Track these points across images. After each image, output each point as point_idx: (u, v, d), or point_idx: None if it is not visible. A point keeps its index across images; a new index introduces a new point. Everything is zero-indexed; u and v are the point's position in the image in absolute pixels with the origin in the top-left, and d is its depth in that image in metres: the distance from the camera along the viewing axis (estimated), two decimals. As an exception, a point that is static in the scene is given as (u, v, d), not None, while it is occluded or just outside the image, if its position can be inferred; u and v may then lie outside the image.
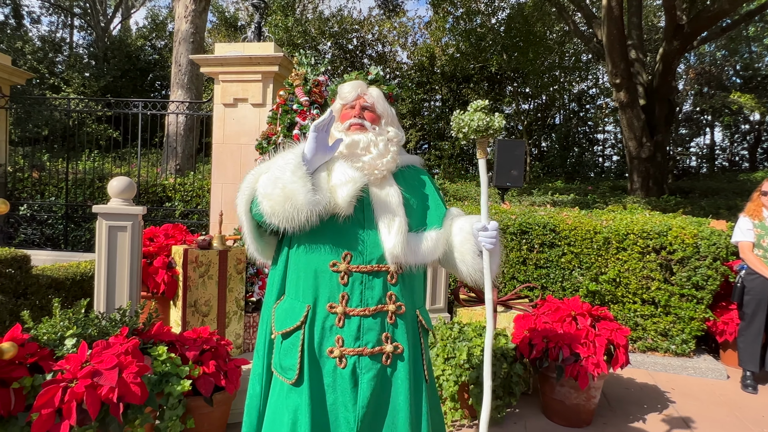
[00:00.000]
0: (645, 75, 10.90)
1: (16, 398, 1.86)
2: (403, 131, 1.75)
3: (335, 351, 1.51)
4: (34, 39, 18.00)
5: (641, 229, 4.32)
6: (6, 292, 3.29)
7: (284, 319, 1.57)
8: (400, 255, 1.53)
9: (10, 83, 6.23)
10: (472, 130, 1.68)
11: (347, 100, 1.71)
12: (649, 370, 4.15)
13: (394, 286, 1.56)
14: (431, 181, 1.80)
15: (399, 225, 1.55)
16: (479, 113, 1.68)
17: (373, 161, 1.60)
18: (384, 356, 1.53)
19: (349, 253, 1.53)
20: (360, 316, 1.51)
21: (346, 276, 1.51)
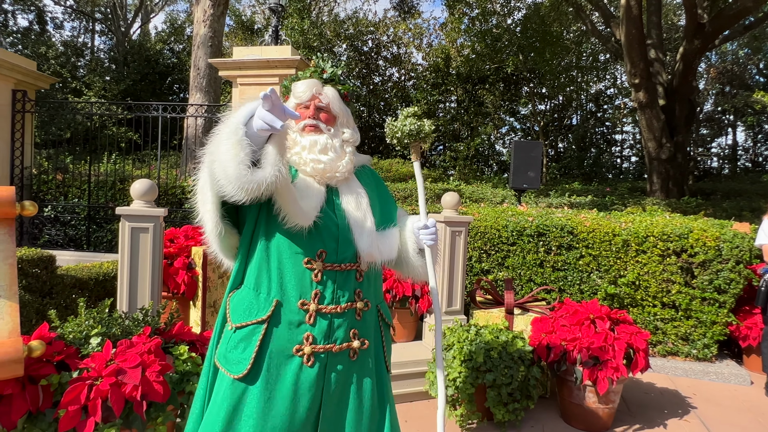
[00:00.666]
0: (665, 74, 10.73)
1: (43, 395, 1.92)
2: (358, 132, 1.74)
3: (305, 348, 1.48)
4: (57, 44, 18.43)
5: (661, 231, 4.26)
6: (33, 291, 3.39)
7: (243, 312, 1.51)
8: (372, 254, 1.57)
9: (35, 88, 6.39)
10: (405, 134, 1.76)
11: (301, 99, 1.64)
12: (670, 374, 4.08)
13: (361, 284, 1.59)
14: (382, 181, 1.85)
15: (370, 226, 1.59)
16: (411, 118, 1.76)
17: (333, 163, 1.58)
18: (351, 351, 1.54)
19: (324, 251, 1.52)
20: (331, 313, 1.51)
21: (320, 274, 1.51)
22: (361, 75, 17.52)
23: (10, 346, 1.74)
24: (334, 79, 1.71)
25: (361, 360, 1.58)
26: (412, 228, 1.72)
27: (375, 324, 1.65)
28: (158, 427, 2.03)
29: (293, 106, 1.66)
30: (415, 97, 16.89)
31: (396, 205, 1.83)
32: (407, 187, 8.97)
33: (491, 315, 3.72)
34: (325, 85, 1.68)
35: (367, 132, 17.78)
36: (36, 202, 6.25)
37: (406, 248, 1.72)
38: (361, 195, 1.63)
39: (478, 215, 4.95)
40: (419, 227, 1.70)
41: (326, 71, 1.70)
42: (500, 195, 9.02)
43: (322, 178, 1.58)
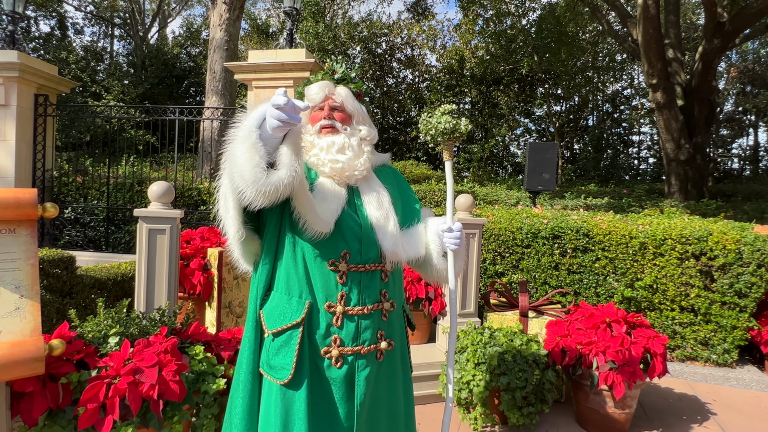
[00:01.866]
0: (683, 74, 10.56)
1: (63, 393, 1.96)
2: (376, 129, 1.72)
3: (332, 351, 1.48)
4: (77, 49, 18.83)
5: (679, 234, 4.19)
6: (53, 291, 3.46)
7: (277, 317, 1.51)
8: (397, 253, 1.56)
9: (57, 92, 6.54)
10: (439, 132, 1.72)
11: (315, 101, 1.65)
12: (689, 380, 4.00)
13: (387, 284, 1.58)
14: (403, 179, 1.83)
15: (394, 224, 1.58)
16: (446, 116, 1.72)
17: (351, 162, 1.57)
18: (378, 353, 1.54)
19: (348, 252, 1.51)
20: (358, 315, 1.50)
21: (345, 276, 1.50)
22: (375, 77, 17.56)
23: (32, 345, 1.78)
24: (345, 79, 1.70)
25: (388, 361, 1.57)
26: (436, 230, 1.70)
27: (401, 324, 1.65)
28: (174, 426, 2.05)
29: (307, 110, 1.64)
30: (429, 99, 16.87)
31: (419, 202, 1.81)
32: (421, 189, 8.96)
33: (505, 318, 3.70)
34: (337, 85, 1.68)
35: (381, 134, 17.80)
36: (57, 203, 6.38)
37: (429, 250, 1.69)
38: (382, 194, 1.62)
39: (492, 217, 4.92)
40: (444, 230, 1.67)
41: (337, 72, 1.70)
42: (515, 197, 8.95)
43: (341, 177, 1.57)
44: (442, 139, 1.74)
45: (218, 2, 9.39)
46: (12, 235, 1.82)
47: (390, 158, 1.84)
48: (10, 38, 6.00)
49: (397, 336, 1.61)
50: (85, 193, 6.87)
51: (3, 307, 1.77)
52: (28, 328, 1.81)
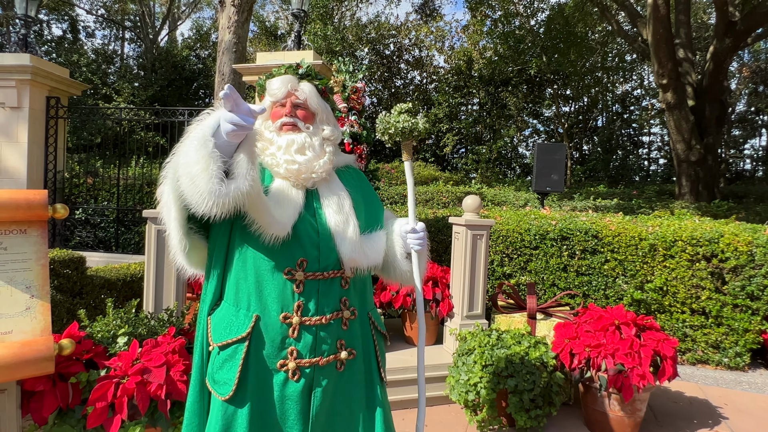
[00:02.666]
0: (694, 74, 10.46)
1: (73, 392, 1.98)
2: (339, 129, 1.64)
3: (289, 364, 1.39)
4: (88, 52, 19.06)
5: (690, 235, 4.14)
6: (64, 291, 3.50)
7: (223, 330, 1.42)
8: (356, 260, 1.47)
9: (68, 95, 6.61)
10: (397, 131, 1.68)
11: (277, 97, 1.54)
12: (700, 383, 3.95)
13: (347, 291, 1.49)
14: (367, 181, 1.75)
15: (353, 229, 1.49)
16: (404, 115, 1.68)
17: (309, 163, 1.48)
18: (338, 363, 1.46)
19: (305, 260, 1.42)
20: (316, 325, 1.42)
21: (302, 284, 1.41)
22: (382, 78, 17.58)
23: (42, 344, 1.80)
24: (310, 74, 1.62)
25: (349, 370, 1.49)
26: (399, 231, 1.63)
27: (364, 331, 1.57)
28: (181, 426, 2.06)
29: (269, 104, 1.57)
30: (437, 99, 16.86)
31: (382, 206, 1.74)
32: (428, 190, 8.96)
33: (513, 320, 3.68)
34: (301, 81, 1.58)
35: (389, 135, 17.78)
36: (67, 205, 6.46)
37: (394, 252, 1.63)
38: (342, 197, 1.53)
39: (500, 218, 4.90)
40: (407, 231, 1.62)
41: (302, 66, 1.62)
42: (523, 198, 8.92)
43: (297, 179, 1.48)
44: (401, 139, 1.70)
45: (227, 5, 9.46)
46: (23, 235, 1.84)
47: (354, 160, 1.77)
48: (23, 42, 6.08)
49: (359, 345, 1.53)
50: (96, 195, 6.95)
51: (14, 306, 1.80)
52: (38, 327, 1.83)
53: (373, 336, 1.59)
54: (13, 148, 5.90)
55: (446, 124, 16.40)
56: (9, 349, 1.72)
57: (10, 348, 1.73)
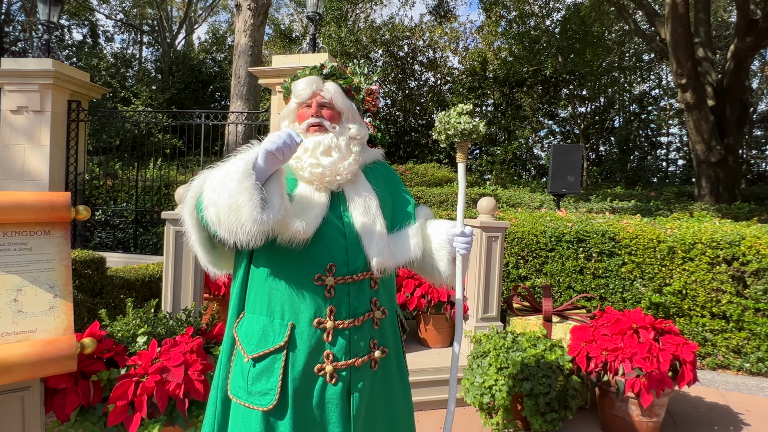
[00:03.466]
0: (714, 74, 10.27)
1: (94, 390, 2.02)
2: (366, 127, 1.63)
3: (326, 368, 1.40)
4: (108, 56, 19.42)
5: (710, 238, 4.07)
6: (85, 291, 3.57)
7: (259, 340, 1.42)
8: (384, 262, 1.46)
9: (88, 98, 6.75)
10: (457, 132, 1.66)
11: (302, 98, 1.56)
12: (720, 389, 3.88)
13: (377, 292, 1.50)
14: (396, 176, 1.73)
15: (380, 230, 1.48)
16: (466, 116, 1.66)
17: (334, 165, 1.47)
18: (372, 362, 1.47)
19: (333, 265, 1.42)
20: (350, 328, 1.43)
21: (333, 289, 1.42)
22: (396, 80, 17.59)
23: (65, 343, 1.84)
24: (334, 74, 1.62)
25: (383, 368, 1.51)
26: (447, 233, 1.62)
27: (394, 330, 1.59)
28: (199, 425, 2.09)
29: (294, 106, 1.59)
30: (451, 101, 16.81)
31: (412, 201, 1.70)
32: (443, 191, 8.93)
33: (528, 322, 3.65)
34: (325, 81, 1.60)
35: (403, 136, 17.81)
36: (88, 206, 6.60)
37: (438, 256, 1.62)
38: (369, 198, 1.52)
39: (515, 220, 4.87)
40: (455, 234, 1.61)
41: (326, 66, 1.62)
42: (538, 200, 8.84)
43: (322, 182, 1.47)
44: (459, 140, 1.69)
45: (243, 8, 9.56)
46: (47, 236, 1.89)
47: (383, 155, 1.74)
48: (45, 47, 6.23)
49: (390, 342, 1.55)
50: (115, 196, 7.07)
51: (38, 306, 1.84)
52: (61, 326, 1.87)
53: (400, 332, 1.63)
54: (36, 150, 6.04)
55: (460, 125, 16.32)
56: (34, 348, 1.76)
57: (35, 346, 1.77)
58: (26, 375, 1.75)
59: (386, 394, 1.52)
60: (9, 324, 1.78)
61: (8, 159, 6.04)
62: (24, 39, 19.76)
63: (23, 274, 1.83)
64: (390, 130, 17.58)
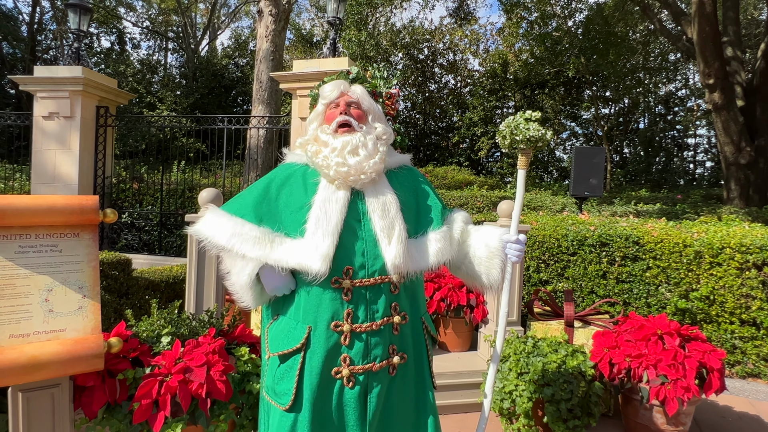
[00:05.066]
0: (743, 74, 9.98)
1: (120, 388, 2.07)
2: (392, 130, 1.65)
3: (343, 371, 1.43)
4: (134, 62, 19.94)
5: (739, 242, 3.95)
6: (111, 291, 3.66)
7: (281, 340, 1.49)
8: (401, 265, 1.45)
9: (116, 104, 6.95)
10: (525, 138, 1.64)
11: (330, 98, 1.61)
12: (750, 398, 3.76)
13: (398, 296, 1.49)
14: (426, 181, 1.72)
15: (399, 233, 1.47)
16: (535, 124, 1.63)
17: (360, 164, 1.48)
18: (390, 368, 1.48)
19: (350, 268, 1.44)
20: (367, 332, 1.44)
21: (350, 292, 1.43)
22: (416, 83, 17.59)
23: (93, 342, 1.90)
24: (360, 78, 1.71)
25: (401, 375, 1.51)
26: (499, 244, 1.61)
27: (416, 336, 1.57)
28: (220, 425, 2.13)
29: (322, 109, 1.63)
30: (472, 103, 16.72)
31: (440, 206, 1.67)
32: (463, 194, 8.89)
33: (550, 327, 3.60)
34: (352, 84, 1.68)
35: (423, 139, 17.79)
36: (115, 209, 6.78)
37: (491, 264, 1.61)
38: (389, 200, 1.51)
39: (536, 224, 4.82)
40: (509, 240, 1.61)
41: (352, 72, 1.71)
42: (560, 203, 8.72)
43: (345, 181, 1.49)
44: (524, 146, 1.66)
45: (265, 14, 9.71)
46: (77, 239, 1.95)
47: (410, 159, 1.73)
48: (75, 55, 6.43)
49: (411, 349, 1.54)
50: (141, 199, 7.25)
51: (68, 305, 1.90)
52: (89, 326, 1.93)
53: (426, 341, 1.59)
54: (66, 155, 6.24)
55: (481, 127, 16.24)
56: (63, 346, 1.82)
57: (65, 345, 1.83)
58: (56, 372, 1.81)
59: (400, 401, 1.51)
60: (40, 323, 1.84)
61: (40, 163, 6.25)
62: (55, 47, 20.43)
63: (54, 275, 1.89)
64: (410, 133, 17.57)
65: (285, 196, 1.53)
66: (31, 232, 1.86)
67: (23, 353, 1.74)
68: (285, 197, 1.53)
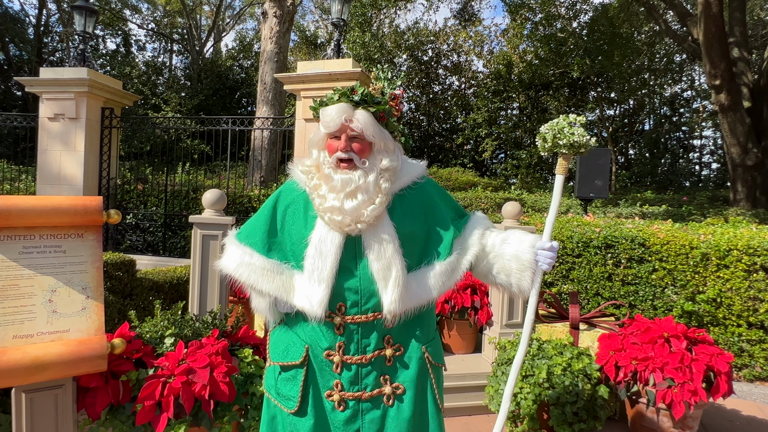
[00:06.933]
0: (750, 74, 9.92)
1: (123, 389, 2.07)
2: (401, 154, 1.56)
3: (334, 395, 1.47)
4: (139, 64, 20.04)
5: (746, 244, 3.91)
6: (115, 292, 3.67)
7: (280, 351, 1.55)
8: (397, 310, 1.43)
9: (121, 105, 6.97)
10: (569, 143, 1.57)
11: (331, 129, 1.48)
12: (758, 402, 3.72)
13: (391, 330, 1.48)
14: (440, 193, 1.64)
15: (396, 277, 1.43)
16: (580, 129, 1.57)
17: (357, 211, 1.42)
18: (384, 397, 1.48)
19: (343, 305, 1.45)
20: (357, 364, 1.46)
21: (342, 327, 1.46)
22: (420, 84, 17.59)
23: (96, 343, 1.89)
24: (366, 101, 1.51)
25: (399, 405, 1.49)
26: (533, 247, 1.57)
27: (416, 367, 1.51)
28: (224, 426, 2.12)
29: (322, 135, 1.54)
30: (476, 104, 16.70)
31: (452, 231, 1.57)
32: (467, 196, 8.87)
33: (555, 329, 3.58)
34: (356, 109, 1.50)
35: (426, 141, 17.78)
36: (119, 210, 6.79)
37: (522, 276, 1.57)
38: (386, 240, 1.45)
39: (540, 225, 4.79)
40: (543, 247, 1.57)
41: (356, 92, 1.52)
42: (565, 204, 8.69)
43: (341, 230, 1.45)
44: (567, 151, 1.60)
45: (269, 16, 9.73)
46: (80, 239, 1.95)
47: (425, 169, 1.63)
48: (81, 56, 6.46)
49: (409, 379, 1.49)
50: (145, 200, 7.26)
51: (71, 306, 1.90)
52: (93, 327, 1.93)
53: (428, 369, 1.53)
54: (71, 156, 6.26)
55: (485, 129, 16.22)
56: (67, 347, 1.82)
57: (68, 345, 1.83)
58: (60, 373, 1.81)
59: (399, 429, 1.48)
60: (44, 324, 1.84)
61: (46, 164, 6.28)
62: (61, 49, 20.57)
63: (58, 275, 1.89)
64: (414, 134, 17.56)
65: (288, 225, 1.55)
66: (35, 232, 1.86)
67: (27, 354, 1.74)
68: (288, 226, 1.55)
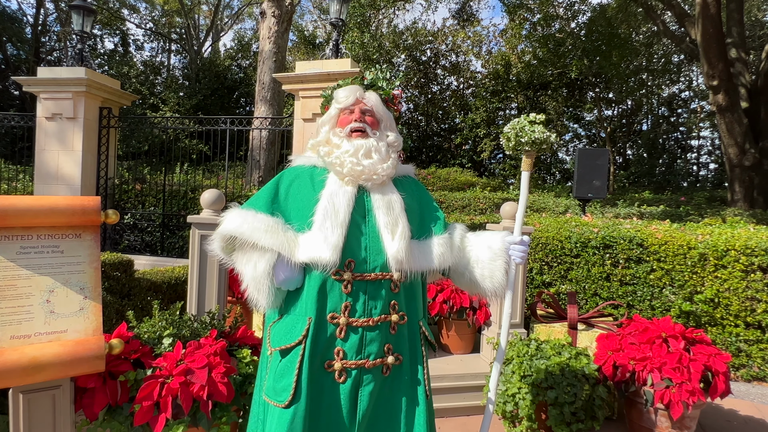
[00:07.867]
0: (748, 75, 9.95)
1: (121, 390, 2.06)
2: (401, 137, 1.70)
3: (335, 364, 1.44)
4: (137, 64, 19.99)
5: (744, 245, 3.93)
6: (113, 293, 3.66)
7: (282, 335, 1.50)
8: (403, 260, 1.48)
9: (119, 105, 6.96)
10: (530, 141, 1.65)
11: (345, 104, 1.64)
12: (756, 402, 3.73)
13: (397, 295, 1.51)
14: (426, 191, 1.78)
15: (402, 230, 1.50)
16: (540, 126, 1.65)
17: (373, 166, 1.54)
18: (384, 367, 1.48)
19: (352, 261, 1.47)
20: (363, 327, 1.45)
21: (350, 285, 1.45)
22: (419, 84, 17.59)
23: (94, 344, 1.89)
24: (375, 84, 1.71)
25: (395, 376, 1.51)
26: (503, 246, 1.66)
27: (412, 339, 1.56)
28: (222, 427, 2.11)
29: (336, 112, 1.66)
30: (474, 105, 16.70)
31: (442, 217, 1.72)
32: (465, 196, 8.87)
33: (553, 329, 3.58)
34: (367, 90, 1.69)
35: (425, 141, 17.78)
36: (117, 210, 6.78)
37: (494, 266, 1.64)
38: (394, 198, 1.56)
39: (539, 225, 4.80)
40: (513, 242, 1.65)
41: (366, 78, 1.72)
42: (563, 205, 8.69)
43: (357, 179, 1.53)
44: (529, 149, 1.67)
45: (268, 16, 9.72)
46: (78, 240, 1.94)
47: (414, 170, 1.79)
48: (78, 56, 6.45)
49: (407, 351, 1.53)
50: (143, 200, 7.25)
51: (69, 307, 1.89)
52: (90, 327, 1.92)
53: (422, 345, 1.58)
54: (69, 156, 6.25)
55: (484, 129, 16.22)
56: (64, 347, 1.81)
57: (66, 346, 1.82)
58: (57, 374, 1.80)
59: (390, 405, 1.50)
60: (42, 324, 1.83)
61: (43, 164, 6.26)
62: (59, 48, 20.51)
63: (55, 275, 1.88)
64: (412, 134, 17.56)
65: (293, 195, 1.58)
66: (32, 232, 1.86)
67: (24, 354, 1.74)
68: (293, 196, 1.58)
